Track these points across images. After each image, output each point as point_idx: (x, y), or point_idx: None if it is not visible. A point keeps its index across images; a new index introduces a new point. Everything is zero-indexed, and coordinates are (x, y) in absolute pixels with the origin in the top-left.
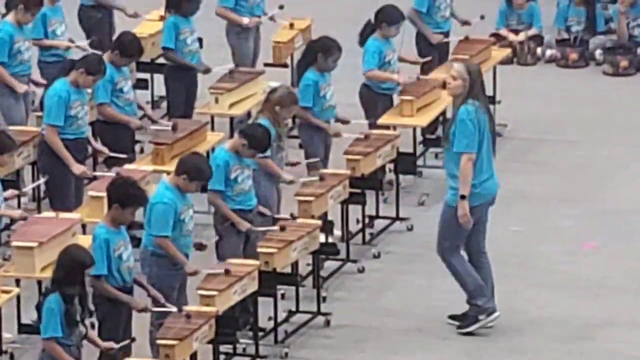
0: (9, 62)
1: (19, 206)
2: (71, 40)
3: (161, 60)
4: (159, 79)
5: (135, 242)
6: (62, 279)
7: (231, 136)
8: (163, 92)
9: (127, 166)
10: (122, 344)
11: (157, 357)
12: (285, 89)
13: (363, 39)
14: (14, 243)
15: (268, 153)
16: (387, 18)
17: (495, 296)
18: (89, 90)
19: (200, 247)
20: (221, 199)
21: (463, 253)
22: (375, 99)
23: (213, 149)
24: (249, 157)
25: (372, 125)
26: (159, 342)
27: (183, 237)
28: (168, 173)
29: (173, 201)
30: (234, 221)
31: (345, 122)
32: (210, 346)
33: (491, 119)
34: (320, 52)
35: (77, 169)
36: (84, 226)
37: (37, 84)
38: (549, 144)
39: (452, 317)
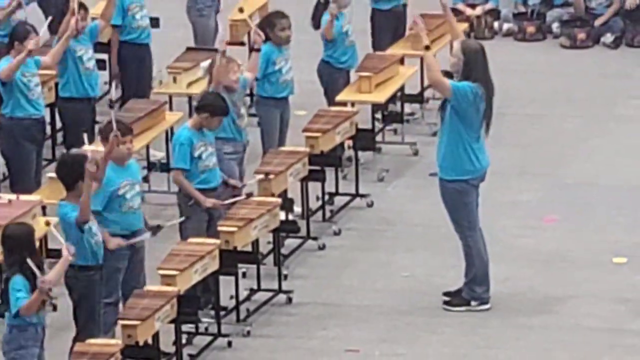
0: None
1: None
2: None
3: None
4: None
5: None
6: (18, 258)
7: (190, 115)
8: None
9: (86, 146)
10: None
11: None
12: (219, 59)
13: (316, 21)
14: None
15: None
16: None
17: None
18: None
19: (156, 229)
20: (185, 177)
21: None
22: (334, 74)
23: (172, 129)
24: (217, 127)
25: (332, 102)
26: (121, 322)
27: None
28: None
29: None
30: (198, 199)
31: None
32: (172, 326)
33: (490, 102)
34: (267, 27)
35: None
36: (44, 208)
37: None
38: (507, 118)
39: (446, 293)
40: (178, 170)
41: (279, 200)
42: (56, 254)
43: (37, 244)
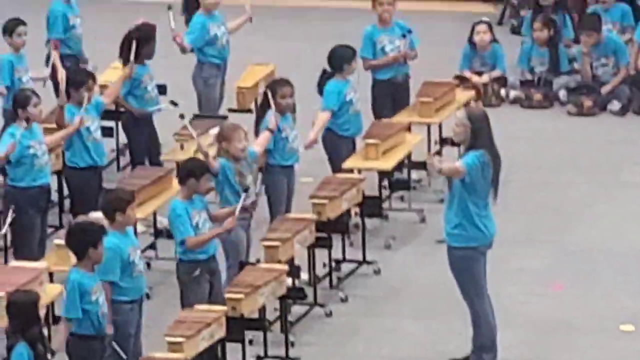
0: None
1: None
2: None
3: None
4: None
5: None
6: (21, 326)
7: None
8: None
9: (93, 213)
10: None
11: None
12: (221, 124)
13: (321, 88)
14: None
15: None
16: (344, 56)
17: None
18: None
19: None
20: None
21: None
22: (338, 142)
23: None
24: (206, 189)
25: (336, 169)
26: None
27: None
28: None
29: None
30: (219, 232)
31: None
32: None
33: (497, 169)
34: (270, 93)
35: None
36: (50, 275)
37: None
38: (513, 184)
39: None
40: (185, 239)
41: (286, 267)
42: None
43: (44, 311)
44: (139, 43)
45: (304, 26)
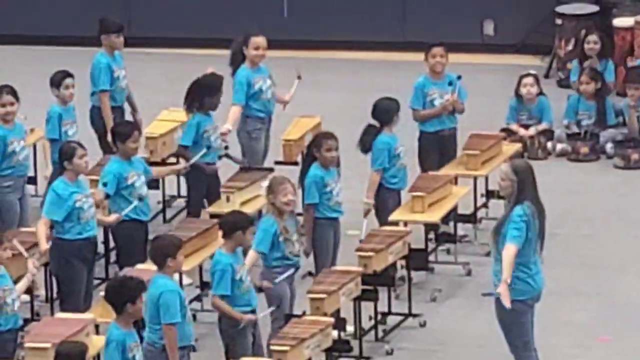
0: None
1: (32, 308)
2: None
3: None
4: (169, 178)
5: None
6: None
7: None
8: (174, 192)
9: (139, 265)
10: None
11: None
12: (272, 178)
13: (363, 144)
14: (27, 344)
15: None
16: (391, 109)
17: None
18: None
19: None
20: (227, 302)
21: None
22: (385, 195)
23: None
24: (249, 242)
25: (383, 222)
26: None
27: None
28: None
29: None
30: (236, 317)
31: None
32: None
33: (543, 221)
34: (314, 148)
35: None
36: (97, 326)
37: None
38: (561, 237)
39: None
40: (221, 296)
41: (332, 319)
42: None
43: None
44: (204, 93)
45: (349, 77)
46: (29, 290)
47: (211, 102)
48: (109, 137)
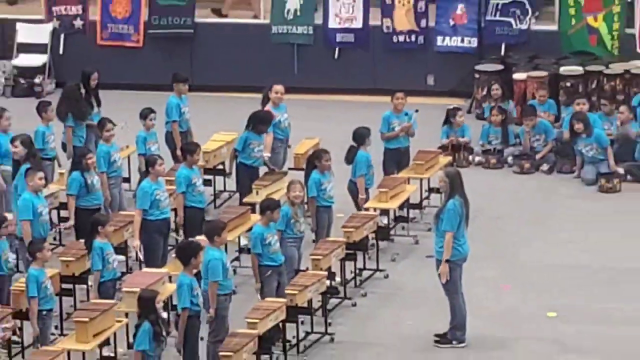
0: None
1: (127, 265)
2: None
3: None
4: (218, 179)
5: None
6: (145, 312)
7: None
8: (221, 187)
9: (198, 237)
10: None
11: None
12: (290, 181)
13: (350, 159)
14: (124, 289)
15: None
16: (365, 134)
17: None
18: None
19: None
20: (259, 260)
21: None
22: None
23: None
24: (278, 218)
25: (359, 209)
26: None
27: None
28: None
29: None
30: (257, 275)
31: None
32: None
33: (467, 209)
34: (315, 159)
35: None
36: (170, 278)
37: None
38: (478, 221)
39: (437, 335)
40: (254, 254)
41: (326, 273)
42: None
43: (162, 303)
44: (257, 121)
45: (337, 113)
46: (124, 253)
47: (261, 128)
48: (178, 152)
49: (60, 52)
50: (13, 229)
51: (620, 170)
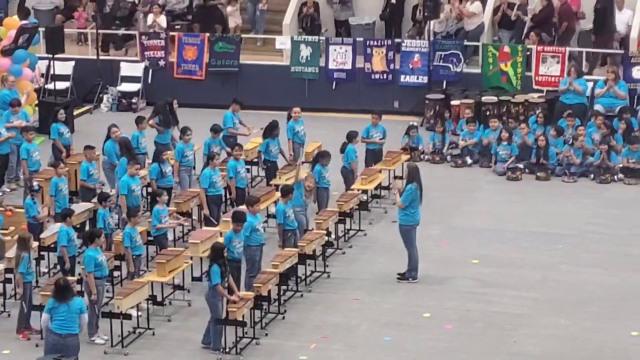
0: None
1: (192, 225)
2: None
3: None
4: (253, 168)
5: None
6: (215, 257)
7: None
8: (255, 174)
9: (241, 207)
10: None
11: None
12: (308, 173)
13: (342, 150)
14: (190, 240)
15: None
16: (353, 135)
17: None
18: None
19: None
20: (283, 226)
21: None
22: (349, 175)
23: (275, 200)
24: (292, 199)
25: (348, 189)
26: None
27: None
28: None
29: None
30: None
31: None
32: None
33: (421, 190)
34: (318, 156)
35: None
36: (220, 234)
37: None
38: (426, 198)
39: (399, 274)
40: (279, 224)
41: (325, 232)
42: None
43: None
44: (272, 130)
45: (335, 124)
46: (190, 216)
47: (274, 133)
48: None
49: (149, 81)
50: (114, 201)
51: (521, 166)
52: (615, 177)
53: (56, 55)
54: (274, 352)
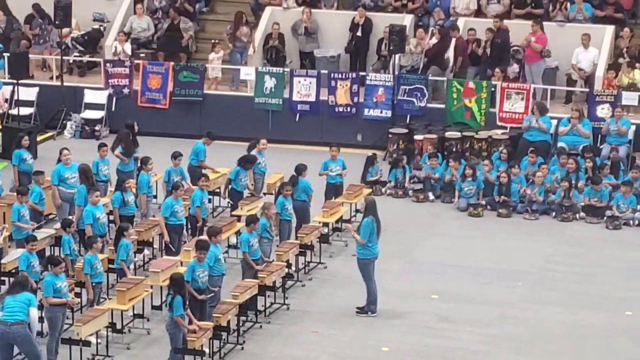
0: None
1: (152, 255)
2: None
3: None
4: (216, 198)
5: None
6: (177, 288)
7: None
8: (217, 204)
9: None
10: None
11: None
12: (265, 202)
13: (294, 184)
14: (151, 269)
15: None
16: (302, 169)
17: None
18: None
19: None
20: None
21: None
22: (305, 211)
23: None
24: (257, 229)
25: (307, 223)
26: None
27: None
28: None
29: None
30: (250, 263)
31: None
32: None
33: (379, 225)
34: (280, 188)
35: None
36: (181, 263)
37: None
38: (386, 233)
39: (358, 307)
40: (244, 252)
41: (285, 263)
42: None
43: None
44: (246, 162)
45: (296, 157)
46: (150, 245)
47: (248, 166)
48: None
49: (113, 109)
50: (75, 229)
51: (483, 202)
52: (577, 215)
53: (20, 81)
54: None
